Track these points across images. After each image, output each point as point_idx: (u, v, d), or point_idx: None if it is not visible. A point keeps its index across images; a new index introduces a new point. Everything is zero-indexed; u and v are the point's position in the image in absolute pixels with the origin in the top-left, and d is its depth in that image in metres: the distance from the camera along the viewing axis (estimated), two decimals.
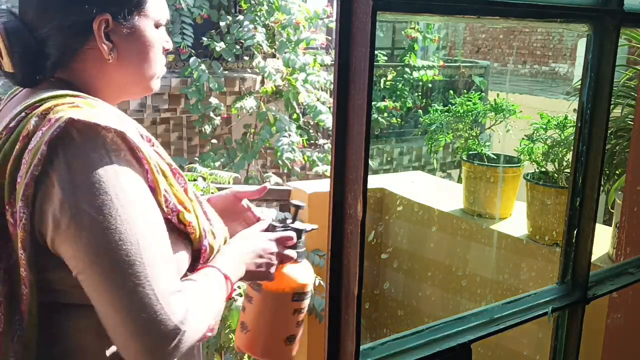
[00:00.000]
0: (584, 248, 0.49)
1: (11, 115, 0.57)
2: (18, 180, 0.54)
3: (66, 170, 0.53)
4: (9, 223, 0.54)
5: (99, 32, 0.61)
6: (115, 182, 0.54)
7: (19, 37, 0.60)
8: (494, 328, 0.45)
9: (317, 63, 3.57)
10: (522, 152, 1.51)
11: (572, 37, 7.64)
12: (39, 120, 0.54)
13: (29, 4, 0.62)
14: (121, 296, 0.53)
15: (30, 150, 0.53)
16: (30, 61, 0.61)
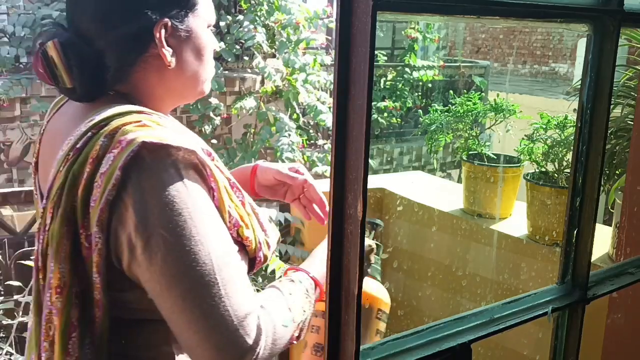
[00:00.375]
0: (584, 248, 0.49)
1: (77, 134, 0.55)
2: (91, 204, 0.53)
3: (140, 194, 0.53)
4: (82, 246, 0.54)
5: (160, 37, 0.60)
6: (187, 202, 0.53)
7: (76, 50, 0.58)
8: (494, 328, 0.45)
9: (317, 63, 3.57)
10: (522, 152, 1.51)
11: (572, 37, 7.64)
12: (107, 142, 0.54)
13: (83, 16, 0.60)
14: (198, 318, 0.53)
15: (103, 174, 0.53)
16: (90, 75, 0.59)
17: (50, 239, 0.54)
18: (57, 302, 0.54)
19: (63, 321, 0.54)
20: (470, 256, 1.65)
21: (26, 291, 1.56)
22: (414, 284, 1.83)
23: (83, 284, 0.54)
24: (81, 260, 0.54)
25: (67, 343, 0.54)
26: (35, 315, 0.56)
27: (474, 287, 1.64)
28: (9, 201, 1.53)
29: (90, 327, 0.55)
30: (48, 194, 0.55)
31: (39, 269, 0.56)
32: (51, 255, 0.54)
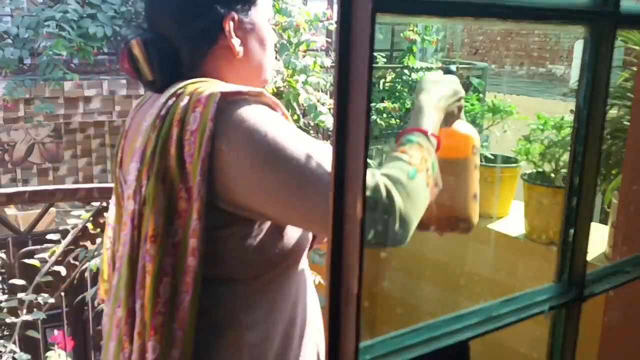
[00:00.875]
0: (580, 247, 0.50)
1: (158, 105, 0.63)
2: (188, 160, 0.60)
3: (230, 135, 0.60)
4: (180, 200, 0.60)
5: (229, 29, 0.68)
6: (274, 121, 0.61)
7: (156, 47, 0.67)
8: (492, 326, 0.45)
9: (317, 65, 3.58)
10: (519, 153, 1.52)
11: (568, 38, 7.66)
12: (186, 104, 0.61)
13: (162, 17, 0.69)
14: (323, 205, 0.57)
15: (195, 130, 0.59)
16: (168, 67, 0.67)
17: (147, 198, 0.61)
18: (151, 249, 0.60)
19: (156, 266, 0.60)
20: (468, 255, 1.65)
21: (30, 289, 1.56)
22: (412, 283, 1.84)
23: (177, 236, 0.61)
24: (176, 214, 0.61)
25: (157, 285, 0.60)
26: (127, 269, 0.62)
27: (472, 286, 1.65)
28: (13, 201, 1.53)
29: (183, 276, 0.61)
30: (142, 160, 0.62)
31: (135, 226, 0.62)
32: (147, 211, 0.61)
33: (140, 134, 0.64)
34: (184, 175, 0.60)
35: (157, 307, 0.60)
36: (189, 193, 0.60)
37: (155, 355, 0.60)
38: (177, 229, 0.61)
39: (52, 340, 1.71)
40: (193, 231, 0.60)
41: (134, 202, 0.62)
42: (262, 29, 0.71)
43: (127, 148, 0.73)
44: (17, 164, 4.11)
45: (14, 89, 3.72)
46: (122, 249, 0.64)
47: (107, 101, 4.10)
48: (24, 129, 4.07)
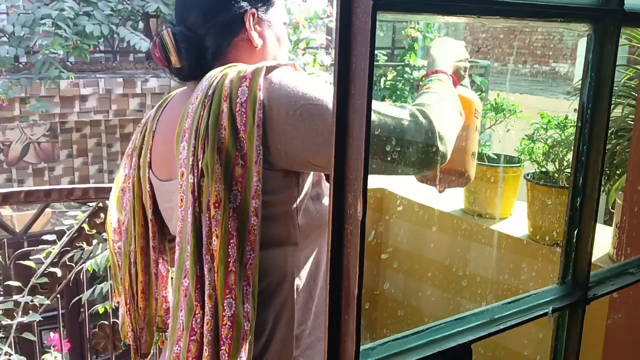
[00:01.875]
0: (584, 248, 0.49)
1: (203, 88, 0.69)
2: (242, 129, 0.65)
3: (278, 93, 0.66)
4: (237, 166, 0.65)
5: (249, 23, 0.76)
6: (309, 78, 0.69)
7: (184, 36, 0.74)
8: (495, 328, 0.45)
9: (316, 63, 3.57)
10: (522, 152, 1.51)
11: (572, 36, 7.63)
12: (231, 84, 0.67)
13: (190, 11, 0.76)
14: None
15: (245, 102, 0.66)
16: (195, 55, 0.74)
17: (205, 169, 0.65)
18: (216, 214, 0.65)
19: (223, 229, 0.64)
20: (471, 256, 1.65)
21: (25, 291, 1.56)
22: (414, 284, 1.83)
23: (237, 201, 0.66)
24: (234, 181, 0.65)
25: (227, 247, 0.65)
26: (193, 239, 0.66)
27: (474, 288, 1.64)
28: (9, 201, 1.53)
29: (248, 236, 0.66)
30: (196, 135, 0.66)
31: (195, 199, 0.66)
32: (207, 182, 0.65)
33: (187, 117, 0.68)
34: (239, 144, 0.65)
35: (229, 266, 0.64)
36: (245, 159, 0.65)
37: (232, 311, 0.65)
38: (237, 194, 0.66)
39: (48, 343, 1.71)
40: (255, 192, 0.65)
41: (192, 175, 0.66)
42: (279, 28, 0.80)
43: (157, 149, 0.79)
44: (13, 164, 4.12)
45: (9, 88, 3.73)
46: (181, 223, 0.68)
47: (103, 100, 4.10)
48: (20, 128, 4.07)
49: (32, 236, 1.96)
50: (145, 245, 0.81)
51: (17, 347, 1.62)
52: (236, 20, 0.75)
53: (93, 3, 4.04)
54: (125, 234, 0.83)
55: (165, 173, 0.78)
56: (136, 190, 0.80)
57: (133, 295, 0.83)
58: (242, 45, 0.77)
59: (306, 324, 0.73)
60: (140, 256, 0.81)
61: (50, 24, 3.77)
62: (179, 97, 0.80)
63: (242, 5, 0.75)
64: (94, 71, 4.29)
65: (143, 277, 0.81)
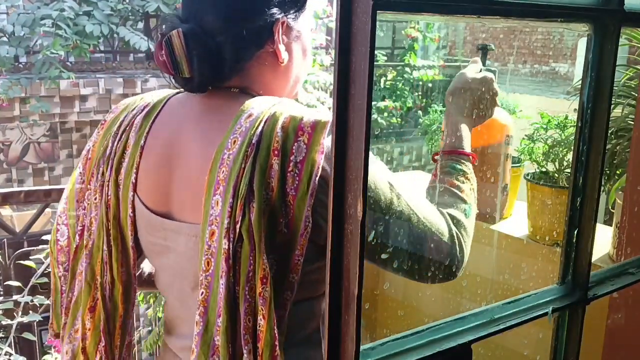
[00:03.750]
0: (584, 248, 0.49)
1: (243, 132, 0.57)
2: (291, 193, 0.55)
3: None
4: (279, 233, 0.56)
5: (278, 34, 0.62)
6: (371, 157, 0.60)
7: (198, 40, 0.60)
8: (495, 328, 0.45)
9: (316, 63, 3.57)
10: (522, 152, 1.51)
11: (572, 36, 7.63)
12: (284, 134, 0.56)
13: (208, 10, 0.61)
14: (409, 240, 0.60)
15: (301, 161, 0.55)
16: (210, 65, 0.61)
17: (246, 234, 0.55)
18: (264, 292, 0.55)
19: (270, 309, 0.55)
20: (471, 256, 1.64)
21: (25, 291, 1.56)
22: (414, 284, 1.83)
23: (272, 271, 0.56)
24: (274, 248, 0.56)
25: (274, 329, 0.55)
26: (226, 314, 0.56)
27: (474, 288, 1.64)
28: (9, 201, 1.53)
29: (279, 311, 0.57)
30: (234, 193, 0.55)
31: (230, 268, 0.56)
32: (248, 250, 0.55)
33: (222, 164, 0.57)
34: (285, 209, 0.56)
35: (275, 350, 0.56)
36: (289, 227, 0.56)
37: None
38: (273, 263, 0.56)
39: (49, 343, 1.71)
40: (295, 266, 0.57)
41: (227, 240, 0.56)
42: (307, 38, 0.68)
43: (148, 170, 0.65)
44: (13, 164, 4.11)
45: (9, 88, 3.73)
46: (206, 291, 0.58)
47: (103, 100, 4.10)
48: (20, 128, 4.07)
49: (32, 236, 1.96)
50: (125, 274, 0.68)
51: (17, 347, 1.62)
52: (264, 30, 0.62)
53: (93, 3, 4.04)
54: (89, 257, 0.68)
55: (157, 204, 0.64)
56: (113, 211, 0.66)
57: (109, 333, 0.69)
58: (266, 59, 0.63)
59: None
60: (120, 286, 0.67)
61: (50, 24, 3.77)
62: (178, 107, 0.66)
63: (274, 12, 0.61)
64: (94, 71, 4.28)
65: (123, 311, 0.68)
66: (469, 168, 0.68)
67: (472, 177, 0.68)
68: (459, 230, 0.63)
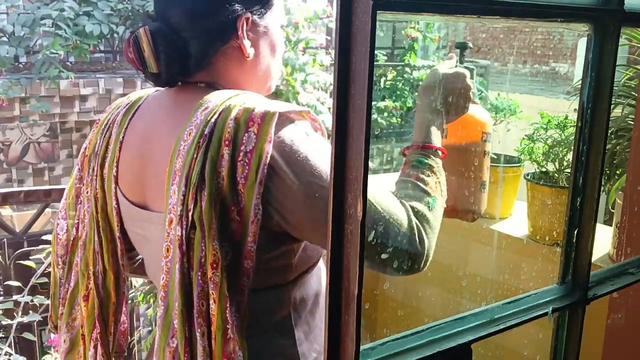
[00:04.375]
0: (584, 248, 0.49)
1: (197, 123, 0.59)
2: (241, 182, 0.57)
3: (287, 157, 0.58)
4: (232, 222, 0.58)
5: (242, 30, 0.65)
6: (322, 148, 0.60)
7: (165, 38, 0.63)
8: (495, 328, 0.45)
9: (316, 63, 3.57)
10: (522, 152, 1.51)
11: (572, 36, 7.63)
12: (233, 124, 0.58)
13: (173, 8, 0.65)
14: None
15: (251, 151, 0.57)
16: (176, 60, 0.64)
17: (197, 221, 0.57)
18: (214, 276, 0.57)
19: (221, 293, 0.57)
20: (471, 256, 1.65)
21: (25, 291, 1.56)
22: (414, 284, 1.83)
23: (228, 258, 0.58)
24: (227, 235, 0.58)
25: (225, 312, 0.58)
26: (181, 298, 0.59)
27: (474, 287, 1.64)
28: (9, 201, 1.53)
29: (237, 297, 0.59)
30: (186, 182, 0.58)
31: (184, 254, 0.58)
32: (200, 236, 0.57)
33: (179, 155, 0.59)
34: (236, 197, 0.57)
35: (227, 333, 0.58)
36: (241, 215, 0.58)
37: None
38: (228, 250, 0.58)
39: (49, 343, 1.71)
40: (248, 253, 0.59)
41: (180, 227, 0.58)
42: (274, 34, 0.69)
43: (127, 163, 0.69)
44: (13, 164, 4.11)
45: (9, 88, 3.73)
46: (166, 277, 0.61)
47: (103, 100, 4.10)
48: (20, 128, 4.07)
49: (32, 236, 1.96)
50: (115, 263, 0.71)
51: (17, 347, 1.62)
52: (228, 26, 0.64)
53: (93, 3, 4.04)
54: (82, 249, 0.72)
55: (136, 195, 0.68)
56: (100, 204, 0.70)
57: (104, 320, 0.72)
58: (232, 54, 0.65)
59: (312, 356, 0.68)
60: (112, 275, 0.71)
61: (50, 24, 3.77)
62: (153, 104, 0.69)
63: (236, 8, 0.64)
64: (94, 71, 4.28)
65: (116, 298, 0.72)
66: (436, 162, 0.67)
67: (439, 171, 0.67)
68: (420, 222, 0.63)
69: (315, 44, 3.81)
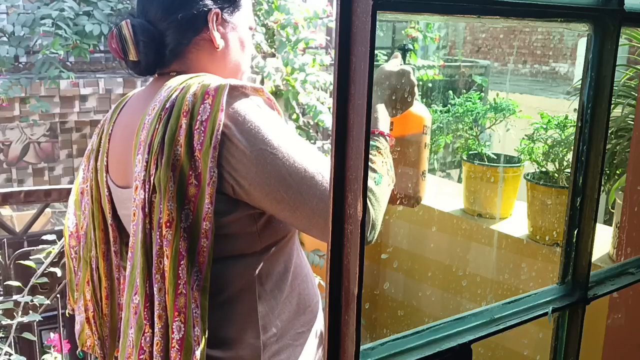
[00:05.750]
0: (584, 248, 0.49)
1: (161, 99, 0.66)
2: (198, 148, 0.63)
3: (241, 125, 0.64)
4: (190, 185, 0.63)
5: (212, 22, 0.73)
6: (274, 120, 0.66)
7: (144, 29, 0.72)
8: (495, 328, 0.45)
9: (316, 63, 3.57)
10: (522, 152, 1.51)
11: (572, 36, 7.63)
12: (192, 98, 0.64)
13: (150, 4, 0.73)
14: (318, 203, 0.63)
15: (205, 120, 0.63)
16: (153, 49, 0.72)
17: (157, 185, 0.63)
18: (167, 234, 0.63)
19: (173, 250, 0.62)
20: (471, 256, 1.65)
21: (25, 291, 1.56)
22: (414, 284, 1.83)
23: (189, 220, 0.64)
24: (187, 199, 0.63)
25: (177, 269, 0.63)
26: (142, 256, 0.65)
27: (474, 287, 1.64)
28: (8, 201, 1.53)
29: (197, 257, 0.64)
30: (149, 150, 0.64)
31: (146, 215, 0.64)
32: (159, 198, 0.63)
33: (143, 128, 0.66)
34: (193, 163, 0.63)
35: (179, 289, 0.63)
36: (199, 179, 0.63)
37: (180, 335, 0.63)
38: (189, 213, 0.64)
39: (48, 343, 1.71)
40: (206, 214, 0.63)
41: (143, 191, 0.64)
42: (243, 32, 0.77)
43: (113, 152, 0.76)
44: (12, 164, 4.11)
45: (9, 88, 3.73)
46: (133, 238, 0.66)
47: (103, 100, 4.10)
48: (20, 128, 4.07)
49: (32, 236, 1.96)
50: (106, 251, 0.78)
51: (17, 347, 1.62)
52: (199, 19, 0.72)
53: (93, 3, 4.04)
54: (84, 238, 0.79)
55: (122, 179, 0.75)
56: (94, 194, 0.77)
57: (97, 302, 0.80)
58: (203, 45, 0.73)
59: (272, 331, 0.71)
60: (102, 262, 0.78)
61: (50, 24, 3.77)
62: (136, 98, 0.77)
63: (206, 3, 0.72)
64: (94, 71, 4.28)
65: (106, 282, 0.78)
66: (382, 144, 0.72)
67: (385, 152, 0.72)
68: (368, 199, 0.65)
69: (315, 44, 3.81)
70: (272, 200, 0.64)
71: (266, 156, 0.63)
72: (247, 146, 0.63)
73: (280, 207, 0.64)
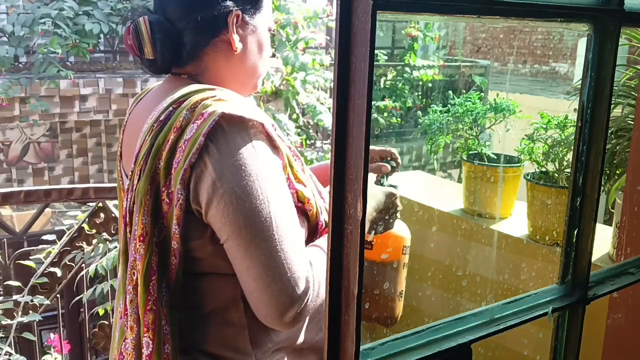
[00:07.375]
0: (584, 248, 0.49)
1: (159, 109, 0.65)
2: (174, 166, 0.62)
3: (218, 156, 0.61)
4: (163, 202, 0.63)
5: (232, 24, 0.70)
6: (256, 165, 0.62)
7: (161, 27, 0.69)
8: (494, 328, 0.45)
9: (316, 63, 3.57)
10: (522, 152, 1.51)
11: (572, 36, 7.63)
12: (188, 114, 0.63)
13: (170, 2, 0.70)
14: (256, 265, 0.61)
15: (187, 140, 0.61)
16: (170, 48, 0.69)
17: (136, 196, 0.63)
18: (140, 248, 0.62)
19: (145, 265, 0.62)
20: (471, 256, 1.65)
21: (25, 291, 1.56)
22: (414, 284, 1.83)
23: (162, 235, 0.63)
24: (161, 214, 0.63)
25: (148, 284, 0.62)
26: (122, 264, 0.65)
27: (474, 287, 1.64)
28: (8, 201, 1.53)
29: (167, 273, 0.63)
30: (135, 160, 0.64)
31: (127, 223, 0.65)
32: (136, 209, 0.63)
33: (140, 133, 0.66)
34: (168, 180, 0.62)
35: (148, 304, 0.62)
36: (170, 197, 0.62)
37: (149, 351, 0.63)
38: (162, 228, 0.63)
39: (48, 343, 1.71)
40: (173, 234, 0.63)
41: (126, 200, 0.65)
42: (263, 34, 0.74)
43: (125, 142, 0.76)
44: (12, 164, 4.11)
45: (9, 88, 3.72)
46: (119, 245, 0.68)
47: (103, 100, 4.10)
48: (20, 128, 4.07)
49: (32, 236, 1.96)
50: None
51: (17, 347, 1.62)
52: (218, 20, 0.69)
53: (93, 2, 4.04)
54: None
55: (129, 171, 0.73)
56: (118, 185, 0.79)
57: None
58: (221, 47, 0.71)
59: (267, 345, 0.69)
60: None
61: (50, 23, 3.77)
62: (153, 93, 0.76)
63: (227, 4, 0.69)
64: (93, 71, 4.28)
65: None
66: None
67: None
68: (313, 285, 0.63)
69: (315, 43, 3.81)
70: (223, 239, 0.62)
71: (232, 196, 0.60)
72: (216, 179, 0.60)
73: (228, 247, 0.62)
